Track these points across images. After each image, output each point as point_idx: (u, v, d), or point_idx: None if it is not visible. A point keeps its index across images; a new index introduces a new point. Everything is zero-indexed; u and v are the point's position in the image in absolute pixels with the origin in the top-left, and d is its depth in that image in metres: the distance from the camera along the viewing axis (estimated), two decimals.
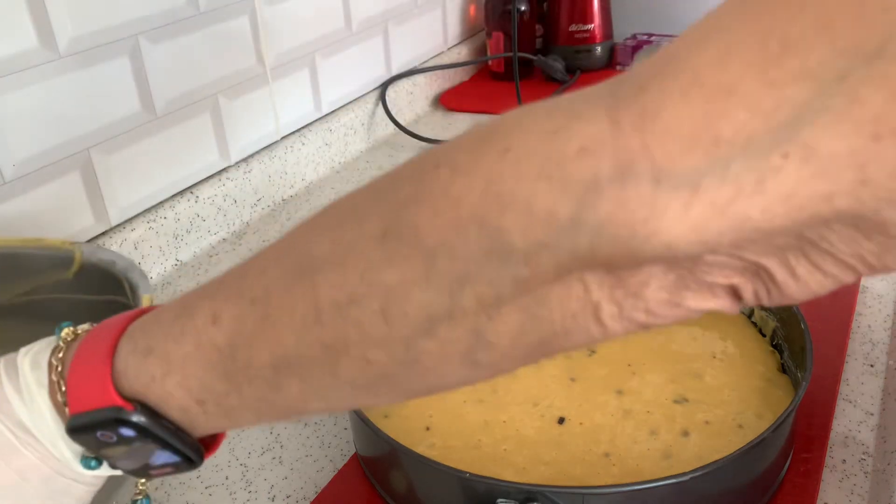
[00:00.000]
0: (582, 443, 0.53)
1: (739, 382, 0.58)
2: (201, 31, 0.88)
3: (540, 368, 0.60)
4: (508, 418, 0.56)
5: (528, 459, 0.52)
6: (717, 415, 0.55)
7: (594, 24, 1.36)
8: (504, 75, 1.38)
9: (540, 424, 0.55)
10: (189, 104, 0.89)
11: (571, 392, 0.58)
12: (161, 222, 0.86)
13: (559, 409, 0.56)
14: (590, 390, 0.58)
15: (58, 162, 0.76)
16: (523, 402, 0.57)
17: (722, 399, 0.56)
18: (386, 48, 1.21)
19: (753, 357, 0.60)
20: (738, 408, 0.55)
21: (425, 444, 0.54)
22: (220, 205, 0.93)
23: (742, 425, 0.53)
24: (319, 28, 1.07)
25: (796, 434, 0.55)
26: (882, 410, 0.60)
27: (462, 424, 0.56)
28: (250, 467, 0.60)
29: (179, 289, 0.84)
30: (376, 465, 0.55)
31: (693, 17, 0.24)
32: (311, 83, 1.07)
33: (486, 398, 0.58)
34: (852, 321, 0.68)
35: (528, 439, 0.54)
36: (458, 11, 1.40)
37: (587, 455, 0.53)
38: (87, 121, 0.78)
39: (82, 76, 0.76)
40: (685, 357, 0.61)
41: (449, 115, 1.27)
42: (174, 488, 0.58)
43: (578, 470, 0.52)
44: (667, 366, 0.60)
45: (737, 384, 0.57)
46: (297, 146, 1.04)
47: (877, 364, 0.64)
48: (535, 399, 0.57)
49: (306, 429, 0.63)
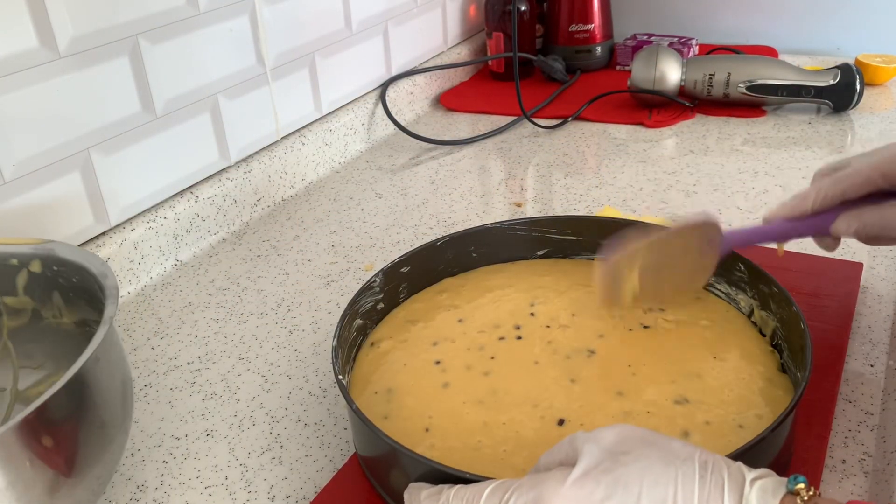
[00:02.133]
0: None
1: (739, 383, 0.58)
2: (201, 31, 0.88)
3: (540, 370, 0.60)
4: (508, 420, 0.56)
5: (527, 461, 0.52)
6: (718, 415, 0.55)
7: (594, 24, 1.36)
8: (504, 75, 1.38)
9: (540, 426, 0.55)
10: (189, 104, 0.89)
11: (571, 393, 0.58)
12: (161, 222, 0.86)
13: (559, 411, 0.56)
14: (590, 392, 0.58)
15: (58, 162, 0.76)
16: (523, 404, 0.57)
17: (722, 399, 0.56)
18: (386, 48, 1.21)
19: (753, 357, 0.60)
20: (738, 408, 0.55)
21: (425, 445, 0.54)
22: (220, 205, 0.93)
23: (742, 426, 0.53)
24: (319, 28, 1.07)
25: (796, 434, 0.55)
26: (882, 410, 0.60)
27: (462, 426, 0.56)
28: (250, 467, 0.60)
29: (179, 289, 0.84)
30: (376, 466, 0.54)
31: (693, 17, 0.25)
32: (311, 83, 1.07)
33: (486, 399, 0.58)
34: (852, 321, 0.68)
35: (528, 441, 0.54)
36: (458, 11, 1.40)
37: None
38: (87, 121, 0.78)
39: (82, 76, 0.76)
40: (685, 358, 0.61)
41: (449, 115, 1.27)
42: (174, 488, 0.58)
43: None
44: (667, 367, 0.60)
45: (737, 384, 0.57)
46: (297, 146, 1.04)
47: (877, 364, 0.64)
48: (535, 400, 0.57)
49: (306, 429, 0.63)
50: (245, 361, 0.72)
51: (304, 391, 0.67)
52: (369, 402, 0.59)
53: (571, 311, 0.66)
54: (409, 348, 0.64)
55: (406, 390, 0.60)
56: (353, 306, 0.63)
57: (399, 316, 0.68)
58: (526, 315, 0.66)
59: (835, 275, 0.73)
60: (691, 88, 1.17)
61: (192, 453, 0.61)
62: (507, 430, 0.55)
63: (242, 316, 0.78)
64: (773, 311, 0.61)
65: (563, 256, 0.75)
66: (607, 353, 0.62)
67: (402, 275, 0.69)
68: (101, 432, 0.50)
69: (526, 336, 0.64)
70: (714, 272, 0.61)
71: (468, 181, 1.04)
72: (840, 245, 0.63)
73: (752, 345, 0.62)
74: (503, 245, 0.73)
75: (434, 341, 0.64)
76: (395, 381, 0.61)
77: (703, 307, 0.66)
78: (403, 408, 0.58)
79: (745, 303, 0.65)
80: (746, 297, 0.65)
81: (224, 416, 0.65)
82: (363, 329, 0.66)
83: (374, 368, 0.63)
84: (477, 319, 0.67)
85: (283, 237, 0.93)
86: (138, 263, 0.84)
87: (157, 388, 0.69)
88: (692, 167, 1.01)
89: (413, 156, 1.13)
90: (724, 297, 0.67)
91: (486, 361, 0.62)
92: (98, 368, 0.49)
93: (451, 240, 0.71)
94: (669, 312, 0.65)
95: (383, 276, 0.67)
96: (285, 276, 0.85)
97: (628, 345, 0.62)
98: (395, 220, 0.95)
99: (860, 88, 1.11)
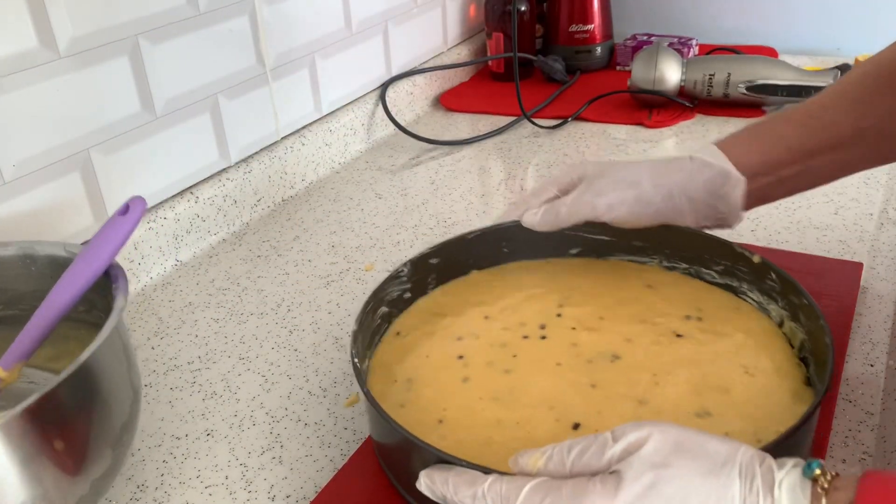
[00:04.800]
0: None
1: (766, 398, 0.55)
2: (201, 31, 0.88)
3: (561, 372, 0.59)
4: (522, 419, 0.55)
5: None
6: (737, 428, 0.53)
7: (594, 24, 1.36)
8: (504, 75, 1.38)
9: (553, 428, 0.54)
10: (189, 104, 0.89)
11: (590, 398, 0.57)
12: (161, 222, 0.86)
13: (576, 415, 0.55)
14: (610, 398, 0.56)
15: (58, 162, 0.76)
16: (539, 405, 0.56)
17: (745, 414, 0.54)
18: (386, 48, 1.21)
19: (783, 371, 0.58)
20: (760, 423, 0.53)
21: (436, 436, 0.54)
22: (220, 205, 0.93)
23: (761, 440, 0.52)
24: (319, 28, 1.07)
25: None
26: (882, 410, 0.60)
27: (475, 420, 0.56)
28: (250, 467, 0.60)
29: (179, 289, 0.84)
30: (384, 451, 0.55)
31: (693, 17, 0.25)
32: (311, 83, 1.07)
33: (503, 397, 0.57)
34: (852, 321, 0.68)
35: (539, 442, 0.53)
36: (458, 11, 1.40)
37: None
38: (87, 121, 0.78)
39: (82, 76, 0.76)
40: (714, 370, 0.58)
41: (449, 116, 1.27)
42: (174, 488, 0.58)
43: None
44: (694, 378, 0.58)
45: (762, 400, 0.55)
46: (297, 146, 1.04)
47: (877, 364, 0.64)
48: (552, 402, 0.56)
49: (306, 429, 0.63)
50: (245, 361, 0.72)
51: (304, 391, 0.67)
52: (388, 391, 0.59)
53: (600, 314, 0.65)
54: (435, 341, 0.64)
55: (426, 381, 0.60)
56: (379, 294, 0.64)
57: (427, 308, 0.69)
58: (553, 315, 0.66)
59: (835, 275, 0.73)
60: (691, 89, 1.17)
61: (193, 453, 0.61)
62: (520, 430, 0.54)
63: (242, 316, 0.78)
64: (801, 323, 0.60)
65: (596, 257, 0.73)
66: (632, 360, 0.60)
67: (430, 266, 0.69)
68: (109, 426, 0.50)
69: (550, 336, 0.63)
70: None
71: (468, 181, 1.04)
72: (840, 246, 0.63)
73: (781, 357, 0.60)
74: (535, 242, 0.71)
75: (459, 336, 0.65)
76: (417, 371, 0.61)
77: (737, 316, 0.64)
78: (421, 398, 0.58)
79: (775, 313, 0.63)
80: (777, 308, 0.63)
81: (224, 415, 0.65)
82: (388, 317, 0.66)
83: (398, 358, 0.63)
84: (503, 317, 0.66)
85: (283, 237, 0.93)
86: (138, 263, 0.84)
87: (158, 387, 0.69)
88: None
89: (413, 156, 1.13)
90: (755, 305, 0.65)
91: (507, 359, 0.61)
92: (105, 361, 0.50)
93: (483, 234, 0.71)
94: (706, 321, 0.64)
95: (411, 266, 0.67)
96: (285, 277, 0.85)
97: (655, 353, 0.61)
98: (395, 221, 0.95)
99: None
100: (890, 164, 0.62)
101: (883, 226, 0.85)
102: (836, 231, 0.84)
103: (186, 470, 0.60)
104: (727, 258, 0.66)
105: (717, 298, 0.67)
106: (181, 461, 0.61)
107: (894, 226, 0.85)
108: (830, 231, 0.84)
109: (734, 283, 0.67)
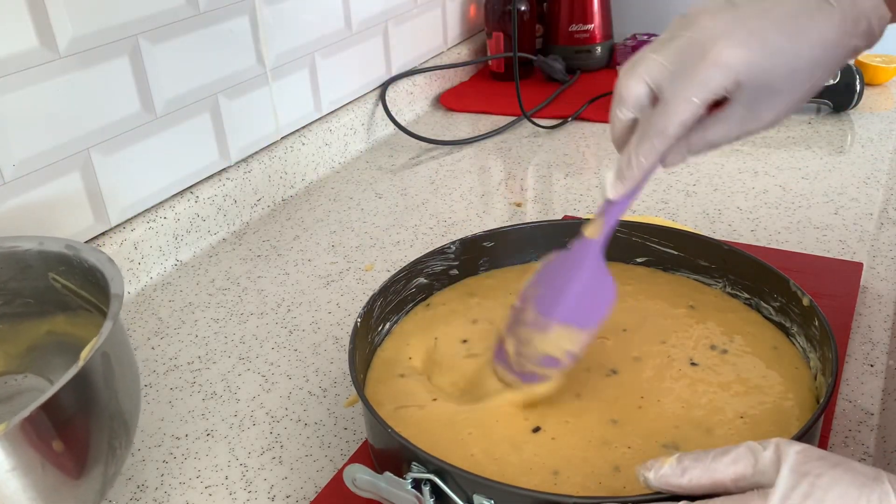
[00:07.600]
0: (546, 452, 0.52)
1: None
2: (201, 31, 0.88)
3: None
4: (484, 410, 0.55)
5: (485, 451, 0.52)
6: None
7: (594, 24, 1.36)
8: (504, 75, 1.38)
9: (512, 424, 0.54)
10: (189, 104, 0.89)
11: (566, 406, 0.55)
12: (161, 222, 0.86)
13: (541, 418, 0.54)
14: (585, 411, 0.55)
15: (58, 162, 0.76)
16: (507, 403, 0.55)
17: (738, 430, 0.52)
18: (386, 48, 1.21)
19: (785, 429, 0.53)
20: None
21: (414, 406, 0.56)
22: (220, 205, 0.93)
23: None
24: (319, 28, 1.07)
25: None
26: (882, 410, 0.60)
27: (448, 408, 0.56)
28: (250, 467, 0.60)
29: (179, 289, 0.84)
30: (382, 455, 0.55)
31: None
32: (311, 83, 1.07)
33: (473, 389, 0.58)
34: (852, 321, 0.68)
35: (499, 436, 0.53)
36: (458, 11, 1.40)
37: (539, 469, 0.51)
38: (87, 121, 0.78)
39: (82, 76, 0.76)
40: (708, 408, 0.54)
41: (449, 115, 1.27)
42: (174, 488, 0.58)
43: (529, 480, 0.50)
44: (679, 410, 0.54)
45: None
46: (297, 146, 1.04)
47: (877, 364, 0.64)
48: (526, 401, 0.56)
49: (306, 429, 0.63)
50: (245, 361, 0.72)
51: (304, 391, 0.67)
52: (397, 359, 0.61)
53: (624, 325, 0.63)
54: (452, 319, 0.65)
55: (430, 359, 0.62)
56: (418, 265, 0.67)
57: (466, 286, 0.70)
58: None
59: (835, 275, 0.73)
60: None
61: (193, 453, 0.61)
62: (477, 419, 0.54)
63: (242, 316, 0.78)
64: (815, 346, 0.57)
65: (662, 269, 0.70)
66: (628, 379, 0.58)
67: (483, 248, 0.71)
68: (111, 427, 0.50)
69: None
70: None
71: (468, 181, 1.04)
72: (840, 246, 0.63)
73: (791, 417, 0.53)
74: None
75: (474, 319, 0.65)
76: (427, 347, 0.63)
77: (772, 357, 0.59)
78: (422, 373, 0.60)
79: (814, 363, 0.57)
80: (815, 358, 0.57)
81: (224, 415, 0.65)
82: (427, 288, 0.69)
83: (419, 329, 0.65)
84: None
85: (283, 237, 0.93)
86: (138, 263, 0.84)
87: (158, 387, 0.69)
88: (692, 167, 1.01)
89: (413, 156, 1.13)
90: (801, 351, 0.60)
91: None
92: (105, 363, 0.49)
93: (548, 226, 0.72)
94: (731, 354, 0.59)
95: (461, 244, 0.69)
96: (285, 276, 0.85)
97: (656, 377, 0.58)
98: (396, 220, 0.95)
99: (860, 88, 1.11)
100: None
101: (883, 226, 0.85)
102: (836, 231, 0.84)
103: (186, 470, 0.60)
104: (783, 295, 0.61)
105: (759, 334, 0.62)
106: (181, 461, 0.61)
107: (894, 226, 0.85)
108: (830, 231, 0.84)
109: (786, 322, 0.61)
